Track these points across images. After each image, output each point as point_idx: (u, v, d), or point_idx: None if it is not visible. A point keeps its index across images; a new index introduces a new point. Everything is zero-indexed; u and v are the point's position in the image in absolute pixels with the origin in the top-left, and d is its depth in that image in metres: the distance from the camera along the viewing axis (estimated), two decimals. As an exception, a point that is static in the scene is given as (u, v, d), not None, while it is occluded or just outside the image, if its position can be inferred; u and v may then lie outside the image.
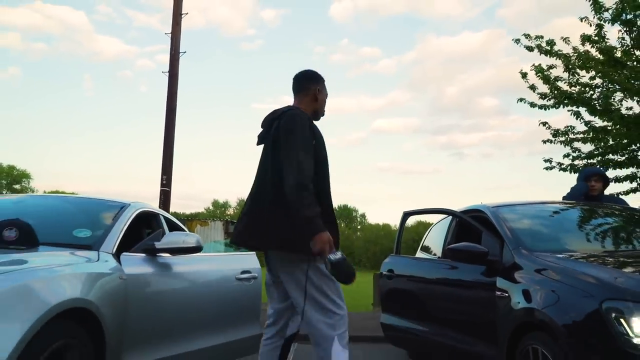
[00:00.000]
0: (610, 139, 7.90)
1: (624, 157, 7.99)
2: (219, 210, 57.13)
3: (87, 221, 3.00)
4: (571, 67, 7.83)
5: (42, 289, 1.92)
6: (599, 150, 8.14)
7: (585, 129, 8.07)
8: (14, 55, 74.63)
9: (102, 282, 2.37)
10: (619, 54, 7.58)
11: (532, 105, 8.15)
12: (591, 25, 7.58)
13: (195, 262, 3.24)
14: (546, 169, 8.41)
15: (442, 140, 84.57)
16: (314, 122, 2.65)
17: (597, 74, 7.70)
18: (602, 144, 8.07)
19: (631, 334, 1.94)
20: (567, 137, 8.27)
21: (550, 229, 3.39)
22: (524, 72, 8.16)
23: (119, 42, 77.82)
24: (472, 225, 3.50)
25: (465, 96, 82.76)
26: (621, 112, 7.63)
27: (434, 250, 4.67)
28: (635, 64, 7.55)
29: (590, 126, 8.03)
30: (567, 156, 8.34)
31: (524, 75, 8.18)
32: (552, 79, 7.95)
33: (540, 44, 7.96)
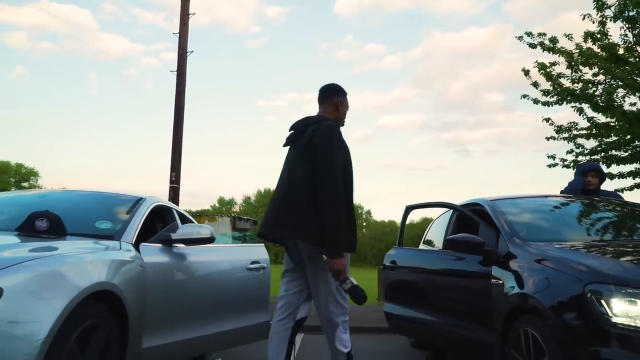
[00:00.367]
0: (613, 135, 7.96)
1: (627, 153, 8.04)
2: (224, 207, 57.40)
3: (108, 214, 3.20)
4: (574, 64, 7.88)
5: (75, 272, 2.12)
6: (602, 146, 8.21)
7: (588, 125, 8.13)
8: (20, 54, 75.23)
9: (124, 268, 2.56)
10: (621, 51, 7.62)
11: (536, 101, 8.19)
12: (594, 22, 7.61)
13: (208, 252, 3.44)
14: (549, 165, 8.50)
15: (447, 136, 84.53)
16: None
17: (599, 71, 7.73)
18: (605, 140, 8.13)
19: (610, 314, 2.12)
20: (570, 133, 8.34)
21: (544, 220, 3.56)
22: (526, 69, 8.24)
23: (124, 41, 78.38)
24: (470, 217, 3.69)
25: (470, 92, 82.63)
26: (624, 108, 7.66)
27: (435, 242, 4.85)
28: (637, 60, 7.57)
29: (592, 122, 8.12)
30: (570, 152, 8.43)
31: (527, 72, 8.27)
32: (555, 76, 8.03)
33: (543, 41, 8.00)
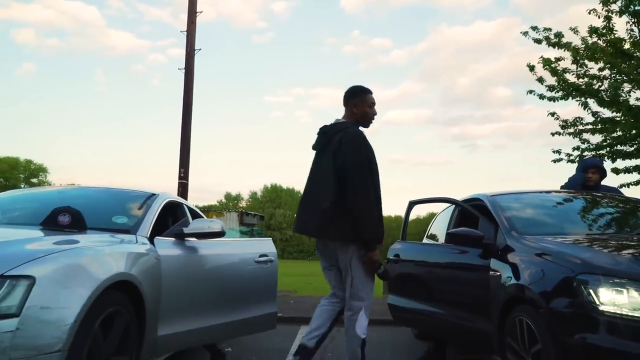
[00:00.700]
0: (619, 130, 8.00)
1: (632, 148, 8.09)
2: (231, 202, 57.63)
3: (123, 209, 3.37)
4: (579, 58, 7.88)
5: (97, 264, 2.29)
6: (607, 141, 8.28)
7: (593, 120, 8.16)
8: (28, 51, 75.68)
9: (141, 260, 2.73)
10: (627, 46, 7.62)
11: (542, 97, 8.23)
12: (599, 17, 7.63)
13: (219, 246, 3.60)
14: (554, 160, 8.58)
15: (454, 131, 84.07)
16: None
17: (605, 65, 7.76)
18: (611, 135, 8.19)
19: (598, 302, 2.25)
20: (575, 128, 8.39)
21: (541, 215, 3.68)
22: (531, 64, 8.25)
23: (130, 37, 78.28)
24: (470, 212, 3.82)
25: (478, 86, 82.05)
26: (629, 103, 7.70)
27: (438, 236, 4.99)
28: (643, 55, 7.58)
29: (597, 117, 8.16)
30: (576, 149, 8.47)
31: (532, 68, 8.29)
32: (560, 71, 8.04)
33: (548, 36, 8.03)
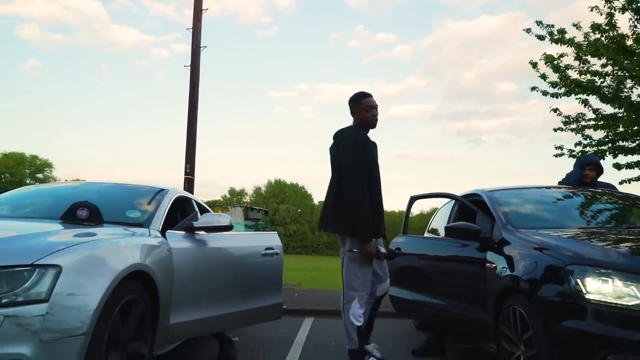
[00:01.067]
0: (621, 126, 8.00)
1: (634, 144, 8.10)
2: (235, 197, 57.86)
3: (136, 204, 3.53)
4: (582, 54, 7.89)
5: (115, 255, 2.45)
6: (609, 137, 8.29)
7: (594, 116, 8.20)
8: (33, 46, 75.99)
9: (154, 252, 2.89)
10: (630, 42, 7.60)
11: (544, 93, 8.23)
12: (602, 14, 7.60)
13: (227, 239, 3.75)
14: (556, 155, 8.61)
15: (459, 126, 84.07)
16: (366, 134, 3.61)
17: (608, 62, 7.74)
18: (613, 131, 8.18)
19: (584, 291, 2.39)
20: (578, 124, 8.41)
21: (537, 209, 3.82)
22: (534, 61, 8.23)
23: (135, 32, 78.62)
24: (469, 207, 3.96)
25: (483, 81, 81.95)
26: (631, 99, 7.70)
27: (438, 230, 5.13)
28: (645, 51, 7.60)
29: (598, 114, 8.24)
30: (578, 144, 8.54)
31: (535, 65, 8.32)
32: (562, 68, 8.03)
33: (552, 31, 8.00)
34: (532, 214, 3.72)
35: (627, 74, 7.72)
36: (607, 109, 8.13)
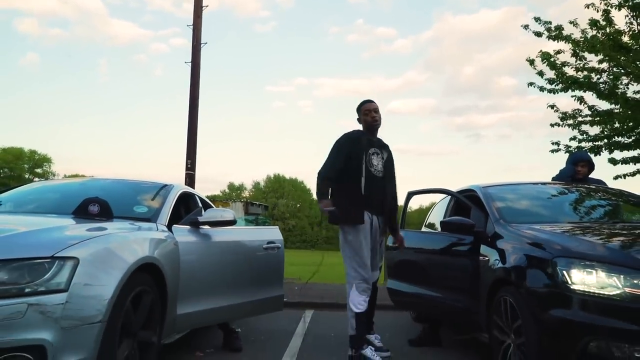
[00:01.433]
0: (617, 122, 8.06)
1: (630, 140, 8.16)
2: (234, 192, 57.93)
3: (143, 199, 3.66)
4: (579, 51, 7.96)
5: (126, 248, 2.59)
6: (605, 132, 8.37)
7: (590, 112, 8.29)
8: (31, 41, 75.81)
9: (162, 245, 3.03)
10: (626, 39, 7.70)
11: (542, 89, 8.31)
12: (598, 11, 7.71)
13: (230, 233, 3.89)
14: (552, 151, 8.73)
15: (458, 121, 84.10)
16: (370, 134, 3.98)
17: (604, 58, 7.82)
18: (609, 126, 8.26)
19: (570, 282, 2.54)
20: (574, 120, 8.50)
21: (529, 205, 3.97)
22: (531, 58, 8.30)
23: (133, 26, 78.25)
24: (464, 202, 4.10)
25: (482, 76, 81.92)
26: (627, 95, 7.78)
27: (435, 225, 5.28)
28: (641, 48, 7.64)
29: (593, 110, 8.36)
30: (573, 139, 8.64)
31: (532, 62, 8.40)
32: (559, 65, 8.11)
33: (550, 27, 8.08)
34: (525, 210, 3.86)
35: (623, 71, 7.83)
36: (603, 105, 8.26)
